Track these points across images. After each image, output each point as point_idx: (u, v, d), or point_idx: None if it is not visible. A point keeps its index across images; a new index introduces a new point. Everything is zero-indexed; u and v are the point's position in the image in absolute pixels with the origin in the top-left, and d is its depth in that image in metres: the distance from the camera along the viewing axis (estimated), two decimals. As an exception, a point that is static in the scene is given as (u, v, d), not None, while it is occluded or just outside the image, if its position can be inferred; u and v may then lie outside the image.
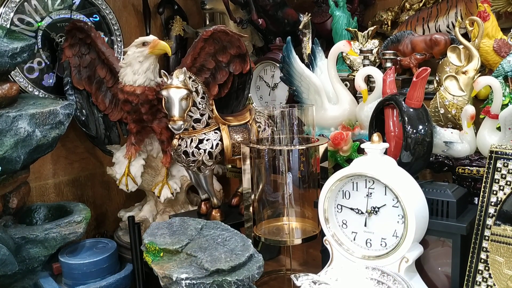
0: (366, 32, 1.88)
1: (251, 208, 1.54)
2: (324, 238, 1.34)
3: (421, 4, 1.95)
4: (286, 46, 1.73)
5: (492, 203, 1.18)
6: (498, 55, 1.52)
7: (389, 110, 1.36)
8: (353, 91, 1.74)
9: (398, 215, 1.20)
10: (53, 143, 1.57)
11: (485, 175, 1.21)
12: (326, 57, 1.74)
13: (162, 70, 1.51)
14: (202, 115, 1.52)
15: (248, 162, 1.50)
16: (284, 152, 1.48)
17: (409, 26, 1.91)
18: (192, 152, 1.52)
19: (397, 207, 1.20)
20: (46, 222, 1.67)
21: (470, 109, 1.35)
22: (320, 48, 1.84)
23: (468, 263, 1.20)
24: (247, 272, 1.20)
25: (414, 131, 1.26)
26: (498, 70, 1.46)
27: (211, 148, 1.53)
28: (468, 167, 1.38)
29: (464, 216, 1.24)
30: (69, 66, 1.84)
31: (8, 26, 1.75)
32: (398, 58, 1.80)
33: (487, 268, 1.17)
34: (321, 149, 1.52)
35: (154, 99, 1.68)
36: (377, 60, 1.88)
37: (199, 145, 1.52)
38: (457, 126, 1.46)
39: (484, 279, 1.18)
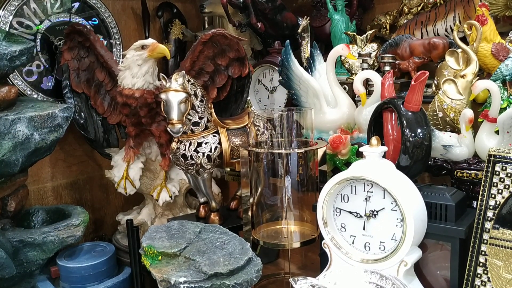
0: (364, 35, 1.89)
1: (249, 211, 1.54)
2: (323, 241, 1.34)
3: (419, 8, 1.96)
4: (285, 49, 1.73)
5: (491, 207, 1.18)
6: (496, 59, 1.52)
7: (388, 114, 1.36)
8: (352, 94, 1.74)
9: (397, 219, 1.20)
10: (52, 146, 1.57)
11: (483, 178, 1.21)
12: (325, 60, 1.74)
13: (161, 73, 1.51)
14: (200, 118, 1.52)
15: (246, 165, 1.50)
16: (282, 156, 1.48)
17: (408, 30, 1.92)
18: (191, 155, 1.52)
19: (396, 210, 1.20)
20: (44, 226, 1.67)
21: (469, 113, 1.35)
22: (318, 51, 1.84)
23: (467, 267, 1.20)
24: (246, 275, 1.20)
25: (413, 134, 1.26)
26: (496, 74, 1.46)
27: (210, 151, 1.53)
28: (467, 171, 1.39)
29: (462, 220, 1.24)
30: (68, 69, 1.84)
31: (7, 29, 1.75)
32: (397, 62, 1.80)
33: (485, 271, 1.17)
34: (320, 152, 1.52)
35: (153, 102, 1.68)
36: (376, 64, 1.88)
37: (198, 149, 1.52)
38: (455, 129, 1.47)
39: (483, 283, 1.17)
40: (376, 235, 1.25)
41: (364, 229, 1.27)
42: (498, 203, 1.17)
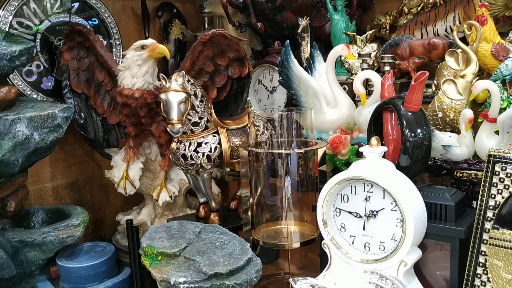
0: (364, 36, 1.89)
1: (249, 211, 1.54)
2: (323, 241, 1.34)
3: (419, 8, 1.96)
4: (284, 49, 1.73)
5: (491, 207, 1.18)
6: (496, 59, 1.52)
7: (388, 114, 1.36)
8: (352, 94, 1.74)
9: (397, 219, 1.20)
10: (51, 146, 1.57)
11: (483, 178, 1.21)
12: (325, 60, 1.74)
13: (160, 74, 1.51)
14: (200, 118, 1.52)
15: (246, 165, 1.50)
16: (282, 156, 1.48)
17: (408, 30, 1.91)
18: (191, 155, 1.52)
19: (396, 210, 1.20)
20: (44, 226, 1.67)
21: (468, 113, 1.35)
22: (318, 51, 1.84)
23: (467, 267, 1.20)
24: (245, 276, 1.20)
25: (413, 134, 1.26)
26: (496, 74, 1.46)
27: (210, 151, 1.53)
28: (467, 171, 1.39)
29: (462, 220, 1.25)
30: (68, 69, 1.84)
31: (7, 29, 1.75)
32: (397, 62, 1.80)
33: (485, 272, 1.17)
34: (320, 152, 1.52)
35: (153, 102, 1.68)
36: (376, 64, 1.88)
37: (198, 149, 1.52)
38: (455, 129, 1.47)
39: (483, 283, 1.17)
40: (376, 235, 1.25)
41: (364, 229, 1.27)
42: (498, 203, 1.17)
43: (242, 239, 1.36)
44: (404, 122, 1.27)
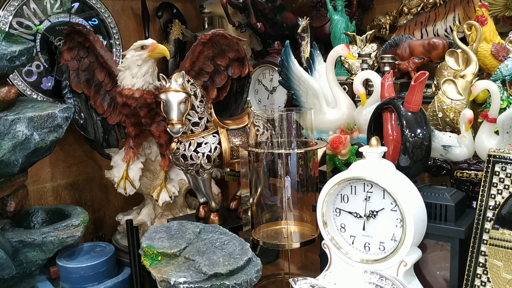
0: (364, 36, 1.89)
1: (249, 211, 1.54)
2: (323, 242, 1.34)
3: (419, 9, 1.96)
4: (284, 49, 1.73)
5: (491, 207, 1.18)
6: (496, 59, 1.52)
7: (388, 114, 1.36)
8: (352, 94, 1.74)
9: (397, 219, 1.20)
10: (51, 147, 1.57)
11: (483, 178, 1.21)
12: (325, 61, 1.74)
13: (160, 74, 1.51)
14: (200, 118, 1.52)
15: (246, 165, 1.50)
16: (282, 156, 1.48)
17: (407, 30, 1.91)
18: (191, 155, 1.52)
19: (396, 211, 1.20)
20: (44, 226, 1.67)
21: (468, 113, 1.35)
22: (318, 52, 1.84)
23: (467, 267, 1.20)
24: (245, 276, 1.20)
25: (413, 134, 1.26)
26: (496, 74, 1.46)
27: (210, 151, 1.53)
28: (466, 171, 1.39)
29: (462, 220, 1.25)
30: (68, 69, 1.84)
31: (6, 29, 1.75)
32: (397, 62, 1.80)
33: (485, 272, 1.17)
34: (320, 152, 1.52)
35: (153, 102, 1.68)
36: (376, 64, 1.88)
37: (198, 149, 1.52)
38: (455, 130, 1.47)
39: (483, 283, 1.17)
40: (376, 236, 1.25)
41: (363, 229, 1.27)
42: (497, 203, 1.17)
43: (242, 239, 1.36)
44: (404, 122, 1.27)
